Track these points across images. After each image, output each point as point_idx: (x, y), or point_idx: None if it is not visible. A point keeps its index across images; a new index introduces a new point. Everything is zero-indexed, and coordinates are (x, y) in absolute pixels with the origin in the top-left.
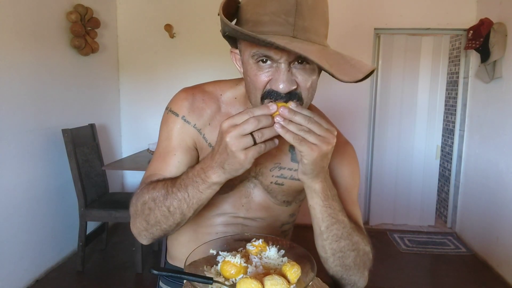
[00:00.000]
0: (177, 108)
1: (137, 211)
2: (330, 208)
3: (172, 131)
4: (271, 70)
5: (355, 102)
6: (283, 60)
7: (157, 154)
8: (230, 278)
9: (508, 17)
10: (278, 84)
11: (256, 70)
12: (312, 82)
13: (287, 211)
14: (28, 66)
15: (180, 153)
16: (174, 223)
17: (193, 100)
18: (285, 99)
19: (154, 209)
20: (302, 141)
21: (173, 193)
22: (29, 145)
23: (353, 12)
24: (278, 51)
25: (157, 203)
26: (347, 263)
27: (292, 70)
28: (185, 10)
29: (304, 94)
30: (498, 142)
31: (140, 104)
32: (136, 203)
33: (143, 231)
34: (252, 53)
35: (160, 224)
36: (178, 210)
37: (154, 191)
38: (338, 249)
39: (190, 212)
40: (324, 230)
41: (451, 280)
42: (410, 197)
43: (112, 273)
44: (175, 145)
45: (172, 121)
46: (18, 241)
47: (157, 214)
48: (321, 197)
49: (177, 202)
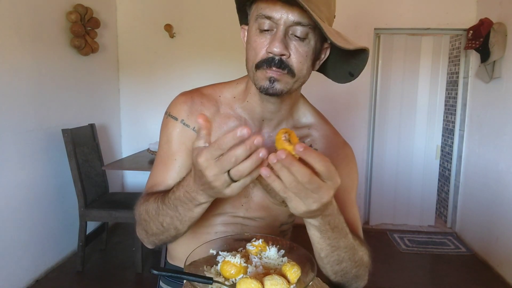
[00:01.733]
0: (176, 112)
1: (137, 219)
2: (330, 239)
3: (172, 135)
4: (270, 37)
5: (355, 102)
6: (282, 21)
7: (158, 159)
8: (230, 278)
9: (508, 17)
10: (273, 46)
11: (256, 36)
12: (307, 57)
13: (286, 212)
14: (28, 66)
15: (180, 157)
16: (170, 235)
17: (192, 103)
18: (278, 65)
19: (149, 222)
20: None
21: (164, 210)
22: (29, 145)
23: (353, 12)
24: (279, 11)
25: (151, 217)
26: (348, 277)
27: (288, 38)
28: (185, 10)
29: (296, 66)
30: (498, 142)
31: (140, 104)
32: (136, 212)
33: (144, 238)
34: (256, 15)
35: (158, 236)
36: (172, 226)
37: (147, 204)
38: (339, 270)
39: (184, 228)
40: (324, 257)
41: (451, 280)
42: (410, 197)
43: (112, 273)
44: (175, 150)
45: (172, 125)
46: (18, 241)
47: (152, 228)
48: (319, 231)
49: (169, 219)
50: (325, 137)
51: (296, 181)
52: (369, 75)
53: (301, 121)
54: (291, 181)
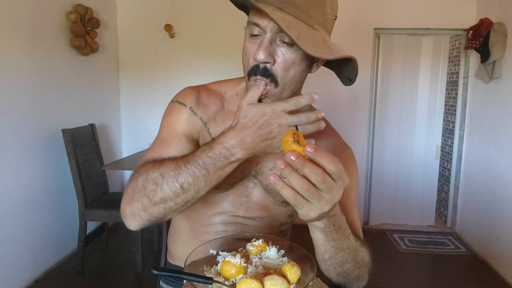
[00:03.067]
0: (185, 100)
1: (136, 187)
2: (334, 241)
3: (179, 119)
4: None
5: (355, 102)
6: (269, 28)
7: (158, 139)
8: (230, 278)
9: (508, 17)
10: (257, 53)
11: (247, 41)
12: (294, 63)
13: (286, 212)
14: (28, 66)
15: (186, 140)
16: (184, 200)
17: (199, 95)
18: (262, 73)
19: (162, 185)
20: (301, 203)
21: (188, 169)
22: (29, 145)
23: (353, 12)
24: (266, 17)
25: (167, 178)
26: (350, 278)
27: (275, 45)
28: (185, 10)
29: (280, 74)
30: (498, 142)
31: (140, 104)
32: (137, 178)
33: (140, 211)
34: (248, 21)
35: (166, 202)
36: (193, 187)
37: (161, 166)
38: (341, 271)
39: (206, 189)
40: (328, 259)
41: (451, 280)
42: (410, 197)
43: (112, 273)
44: (181, 131)
45: (179, 110)
46: (18, 241)
47: (165, 190)
48: (323, 233)
49: (193, 179)
50: (325, 138)
51: (308, 183)
52: (369, 75)
53: None
54: (303, 184)
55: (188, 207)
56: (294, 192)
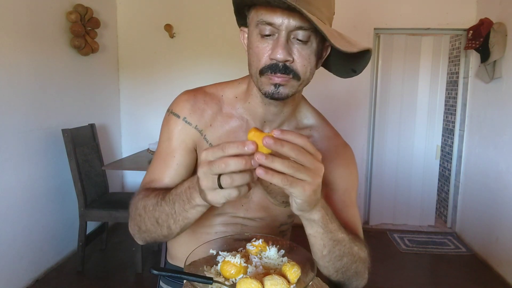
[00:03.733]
0: (179, 110)
1: (131, 214)
2: (331, 232)
3: (173, 132)
4: (272, 42)
5: (355, 102)
6: (284, 27)
7: (157, 155)
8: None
9: (508, 17)
10: (276, 52)
11: (258, 41)
12: (310, 59)
13: (286, 212)
14: (28, 66)
15: (179, 155)
16: (162, 234)
17: (195, 101)
18: (283, 71)
19: (144, 218)
20: (293, 182)
21: (162, 206)
22: (29, 145)
23: (353, 12)
24: (280, 17)
25: (147, 212)
26: (349, 274)
27: (290, 43)
28: (185, 10)
29: (300, 69)
30: (498, 142)
31: (140, 104)
32: (132, 207)
33: (136, 234)
34: (256, 21)
35: (150, 233)
36: (165, 223)
37: (146, 199)
38: (340, 266)
39: (177, 228)
40: (326, 254)
41: (451, 280)
42: (410, 197)
43: (112, 273)
44: (175, 147)
45: (173, 122)
46: (18, 241)
47: (147, 223)
48: (321, 226)
49: (164, 216)
50: (326, 138)
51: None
52: (369, 75)
53: (303, 122)
54: (287, 163)
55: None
56: (283, 175)
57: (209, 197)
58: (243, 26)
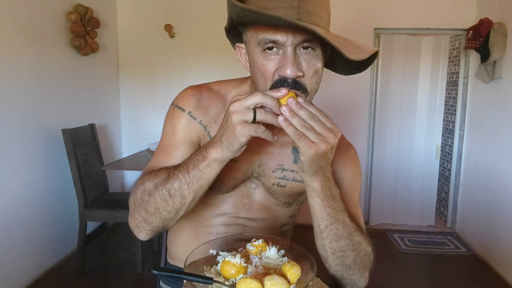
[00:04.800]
0: (184, 104)
1: (136, 200)
2: (330, 208)
3: (178, 126)
4: (278, 57)
5: (355, 102)
6: (289, 42)
7: (160, 147)
8: (230, 278)
9: (508, 17)
10: (286, 69)
11: (263, 59)
12: (317, 70)
13: (288, 212)
14: (28, 66)
15: (184, 148)
16: (174, 208)
17: (200, 97)
18: (292, 86)
19: (154, 194)
20: (301, 137)
21: (174, 175)
22: (29, 145)
23: (353, 12)
24: (284, 33)
25: (158, 187)
26: (347, 262)
27: (297, 56)
28: (185, 10)
29: (308, 83)
30: (498, 142)
31: (140, 104)
32: (136, 191)
33: (141, 223)
34: (258, 40)
35: (160, 211)
36: (178, 192)
37: (155, 177)
38: (338, 249)
39: (190, 195)
40: (324, 229)
41: (451, 280)
42: (410, 197)
43: (112, 273)
44: (179, 139)
45: (178, 116)
46: (18, 241)
47: (157, 199)
48: (320, 196)
49: (177, 184)
50: None
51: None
52: (369, 75)
53: None
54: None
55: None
56: (295, 129)
57: (239, 128)
58: (238, 42)
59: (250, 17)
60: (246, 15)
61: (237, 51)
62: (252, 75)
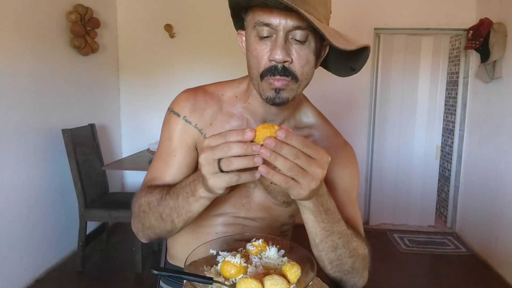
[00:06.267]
0: (179, 109)
1: (135, 212)
2: (324, 222)
3: (173, 132)
4: (270, 43)
5: (355, 102)
6: (281, 27)
7: (158, 154)
8: (230, 278)
9: (508, 17)
10: (274, 53)
11: (256, 44)
12: (308, 60)
13: (287, 212)
14: (28, 66)
15: (180, 154)
16: (166, 229)
17: (195, 101)
18: (282, 73)
19: (148, 213)
20: (292, 185)
21: (166, 200)
22: (29, 145)
23: (353, 12)
24: (277, 17)
25: (151, 207)
26: (345, 268)
27: (288, 43)
28: (185, 10)
29: (298, 71)
30: (498, 142)
31: (140, 104)
32: (135, 204)
33: (140, 231)
34: (254, 22)
35: (154, 228)
36: (169, 218)
37: (150, 195)
38: (335, 258)
39: (180, 223)
40: (319, 242)
41: (451, 280)
42: (410, 197)
43: (112, 273)
44: (175, 146)
45: (174, 122)
46: (18, 241)
47: (150, 219)
48: (313, 214)
49: (168, 210)
50: (326, 137)
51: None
52: (369, 75)
53: (303, 121)
54: (288, 164)
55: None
56: (283, 176)
57: (211, 182)
58: (241, 29)
59: None
60: None
61: (238, 38)
62: (247, 60)
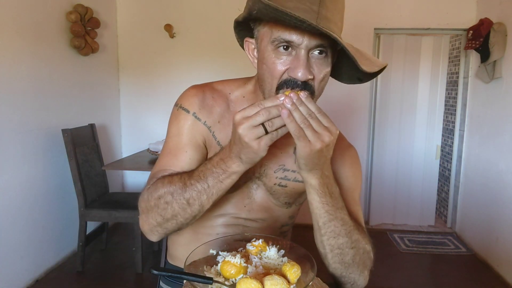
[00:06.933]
0: (188, 105)
1: (149, 206)
2: (328, 205)
3: (183, 128)
4: (289, 58)
5: (355, 102)
6: (304, 45)
7: (166, 150)
8: (230, 278)
9: (508, 17)
10: (297, 71)
11: (274, 57)
12: (325, 75)
13: (287, 213)
14: (28, 66)
15: (191, 150)
16: (192, 215)
17: (204, 97)
18: (301, 88)
19: (172, 203)
20: (301, 136)
21: (192, 185)
22: (29, 145)
23: (353, 12)
24: (300, 35)
25: (175, 196)
26: (346, 260)
27: (309, 59)
28: (185, 10)
29: (316, 86)
30: (498, 142)
31: (140, 104)
32: (149, 198)
33: (156, 227)
34: (273, 38)
35: (177, 218)
36: (197, 201)
37: (171, 184)
38: (336, 246)
39: (209, 203)
40: (322, 225)
41: (451, 280)
42: (410, 197)
43: (112, 273)
44: (186, 142)
45: (183, 118)
46: (18, 241)
47: (174, 207)
48: (318, 193)
49: (196, 194)
50: None
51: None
52: None
53: None
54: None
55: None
56: (297, 125)
57: (255, 146)
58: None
59: (272, 15)
60: (269, 13)
61: (246, 46)
62: (260, 72)
